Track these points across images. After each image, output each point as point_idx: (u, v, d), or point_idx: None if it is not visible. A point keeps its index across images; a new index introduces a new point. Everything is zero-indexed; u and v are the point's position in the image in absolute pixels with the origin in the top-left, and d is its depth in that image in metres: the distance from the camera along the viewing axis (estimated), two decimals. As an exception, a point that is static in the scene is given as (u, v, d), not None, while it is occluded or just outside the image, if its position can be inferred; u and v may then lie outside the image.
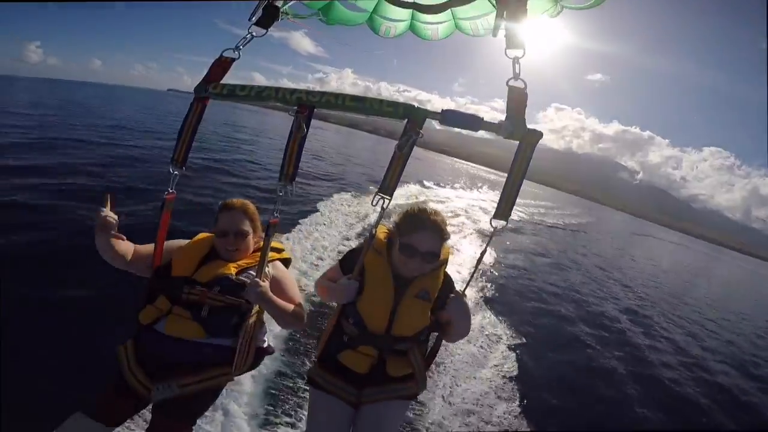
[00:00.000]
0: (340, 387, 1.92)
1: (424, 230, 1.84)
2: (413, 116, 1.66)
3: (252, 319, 1.92)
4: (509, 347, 6.56)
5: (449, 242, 1.97)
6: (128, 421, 1.92)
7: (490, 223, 1.62)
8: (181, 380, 1.84)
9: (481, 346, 6.35)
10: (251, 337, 1.94)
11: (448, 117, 1.64)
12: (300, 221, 9.79)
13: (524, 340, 7.04)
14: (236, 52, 1.96)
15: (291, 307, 1.96)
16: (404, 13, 2.32)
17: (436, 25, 2.28)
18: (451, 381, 5.20)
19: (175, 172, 1.89)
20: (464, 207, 21.73)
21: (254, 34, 2.00)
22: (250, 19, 1.99)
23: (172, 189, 1.91)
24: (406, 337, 1.89)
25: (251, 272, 1.95)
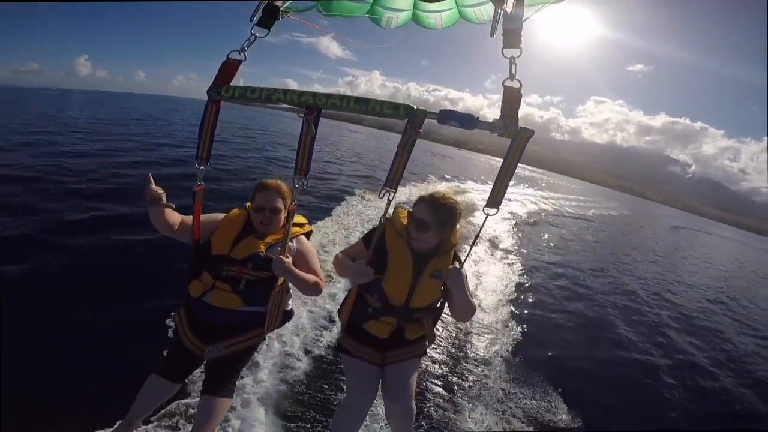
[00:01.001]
0: (367, 352, 2.25)
1: (422, 203, 2.10)
2: (413, 116, 1.78)
3: (278, 289, 2.26)
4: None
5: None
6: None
7: (483, 211, 1.89)
8: (227, 342, 2.24)
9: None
10: (279, 304, 2.28)
11: (445, 116, 1.77)
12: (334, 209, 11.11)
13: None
14: (241, 54, 2.05)
15: (312, 278, 2.27)
16: (406, 3, 2.34)
17: (438, 13, 2.30)
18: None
19: (201, 167, 2.15)
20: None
21: (257, 35, 2.07)
22: (251, 20, 2.05)
23: (200, 182, 2.19)
24: (421, 308, 2.20)
25: (278, 247, 2.23)
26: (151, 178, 2.23)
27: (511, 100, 1.66)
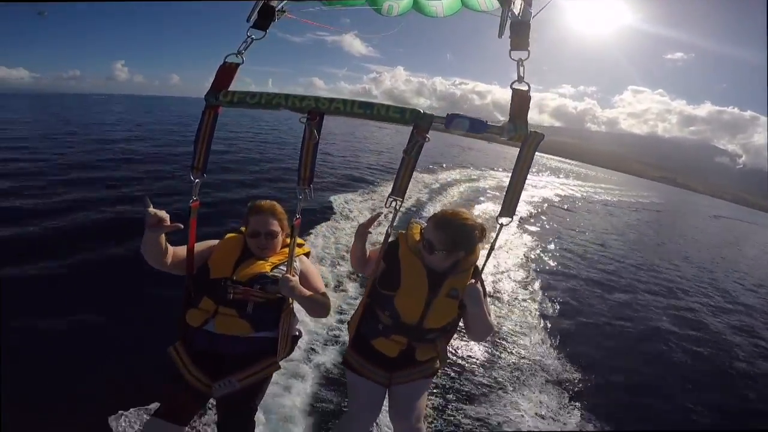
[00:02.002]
0: (373, 371, 2.15)
1: (430, 221, 2.00)
2: (419, 121, 1.72)
3: (287, 310, 2.12)
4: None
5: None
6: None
7: (497, 220, 1.75)
8: (241, 374, 2.02)
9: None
10: (288, 327, 2.15)
11: (453, 121, 1.69)
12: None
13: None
14: (239, 57, 1.97)
15: (319, 297, 2.13)
16: None
17: (439, 1, 2.18)
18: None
19: (197, 180, 1.95)
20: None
21: (253, 37, 1.98)
22: (248, 21, 1.97)
23: (195, 197, 1.98)
24: (436, 329, 2.08)
25: (281, 267, 2.12)
26: (148, 200, 1.86)
27: (520, 103, 1.61)
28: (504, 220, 1.74)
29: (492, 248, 1.88)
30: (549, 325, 6.40)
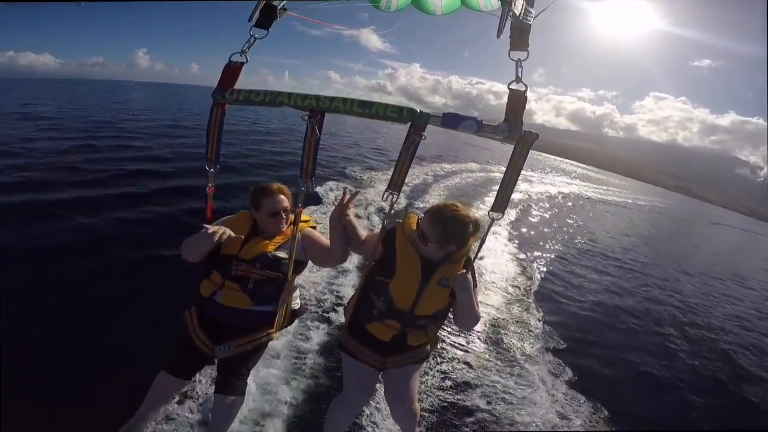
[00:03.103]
0: (367, 354, 2.28)
1: (426, 214, 2.10)
2: (416, 120, 1.78)
3: (287, 288, 2.34)
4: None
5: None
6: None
7: (489, 215, 1.86)
8: (237, 341, 2.29)
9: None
10: (287, 303, 2.40)
11: (449, 120, 1.75)
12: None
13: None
14: (243, 56, 2.04)
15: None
16: None
17: None
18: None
19: (211, 170, 2.18)
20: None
21: (256, 36, 2.04)
22: (250, 20, 2.03)
23: (211, 184, 2.23)
24: (427, 315, 2.20)
25: (285, 247, 2.34)
26: (207, 227, 2.20)
27: (516, 103, 1.65)
28: (495, 215, 1.84)
29: (483, 241, 2.01)
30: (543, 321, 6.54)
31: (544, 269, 9.27)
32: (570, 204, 23.16)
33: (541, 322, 6.34)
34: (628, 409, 4.81)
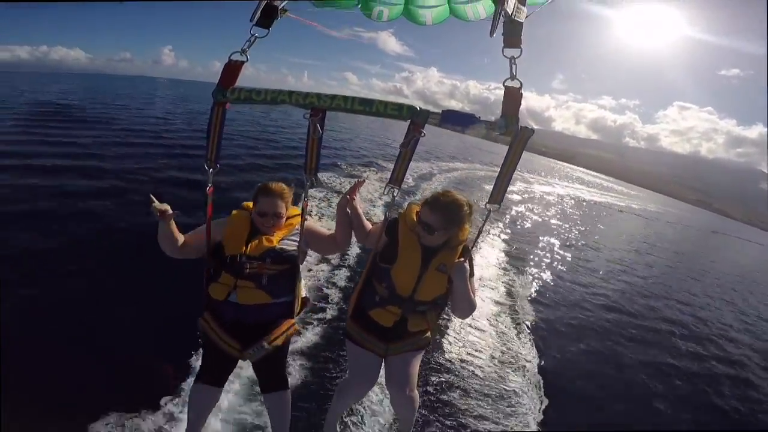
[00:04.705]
0: (371, 341, 2.37)
1: (425, 206, 2.20)
2: (416, 117, 1.83)
3: (299, 278, 2.43)
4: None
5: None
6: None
7: (485, 206, 1.94)
8: (268, 338, 2.27)
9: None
10: (300, 291, 2.46)
11: (447, 117, 1.81)
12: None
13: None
14: (243, 55, 2.05)
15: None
16: None
17: (429, 9, 2.28)
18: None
19: (211, 170, 2.15)
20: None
21: (257, 35, 2.05)
22: (251, 20, 2.02)
23: (210, 184, 2.19)
24: (426, 301, 2.29)
25: (287, 241, 2.39)
26: (152, 197, 2.19)
27: (512, 99, 1.71)
28: (492, 206, 1.93)
29: (480, 231, 2.12)
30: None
31: (548, 273, 9.80)
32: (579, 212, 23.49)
33: (538, 322, 6.77)
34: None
